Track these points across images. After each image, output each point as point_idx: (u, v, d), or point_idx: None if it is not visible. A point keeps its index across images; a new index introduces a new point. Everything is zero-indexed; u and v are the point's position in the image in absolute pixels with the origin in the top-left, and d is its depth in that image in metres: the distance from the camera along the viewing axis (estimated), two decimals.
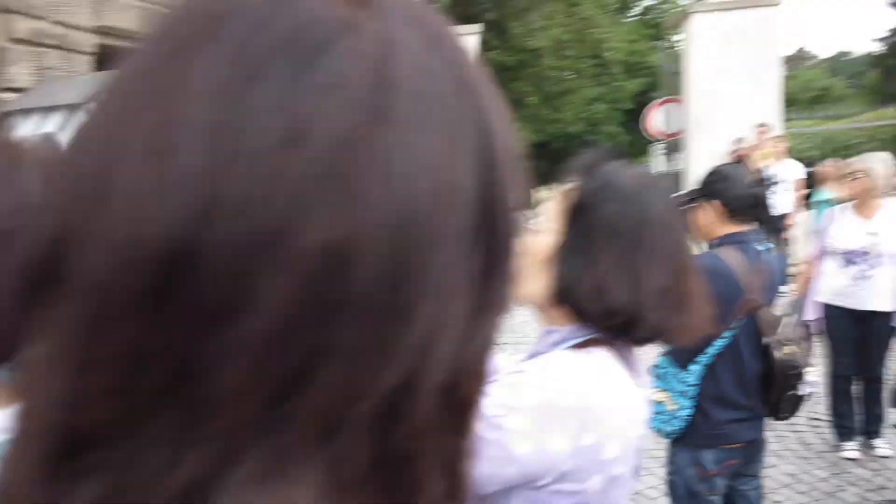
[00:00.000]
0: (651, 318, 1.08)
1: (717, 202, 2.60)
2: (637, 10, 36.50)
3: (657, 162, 14.16)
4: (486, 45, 24.48)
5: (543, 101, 26.77)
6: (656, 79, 22.92)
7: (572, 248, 1.12)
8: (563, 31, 23.16)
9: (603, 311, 1.09)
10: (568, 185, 1.18)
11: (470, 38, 9.24)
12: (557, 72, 24.05)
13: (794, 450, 4.55)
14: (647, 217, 1.12)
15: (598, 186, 1.14)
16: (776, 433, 4.33)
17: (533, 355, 1.18)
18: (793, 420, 2.82)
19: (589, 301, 1.10)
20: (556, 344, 1.16)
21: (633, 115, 29.20)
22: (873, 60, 35.54)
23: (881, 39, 33.63)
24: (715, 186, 2.62)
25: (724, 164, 2.78)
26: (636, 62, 32.98)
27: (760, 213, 2.65)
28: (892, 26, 32.94)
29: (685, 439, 2.59)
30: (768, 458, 4.55)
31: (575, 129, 33.07)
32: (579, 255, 1.11)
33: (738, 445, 2.60)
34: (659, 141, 13.00)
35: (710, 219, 2.63)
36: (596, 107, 32.68)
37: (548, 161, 38.90)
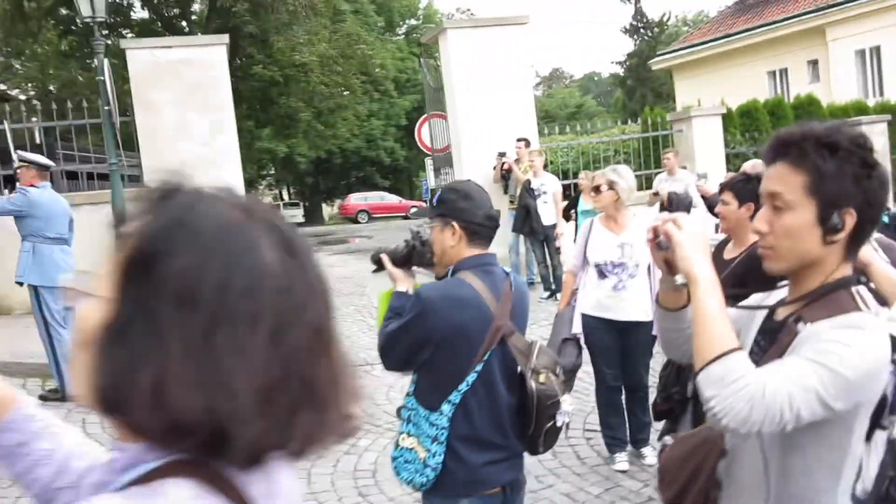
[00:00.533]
0: (247, 433, 0.61)
1: (456, 223, 2.24)
2: (403, 28, 37.23)
3: (430, 177, 14.17)
4: (249, 59, 23.51)
5: (316, 116, 26.18)
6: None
7: (125, 326, 0.70)
8: (328, 46, 22.75)
9: (166, 425, 0.61)
10: (125, 229, 0.73)
11: (216, 49, 8.49)
12: (327, 87, 23.56)
13: (569, 466, 4.38)
14: (246, 274, 0.68)
15: (166, 228, 0.71)
16: (552, 448, 4.14)
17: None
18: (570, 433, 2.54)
19: (144, 410, 0.64)
20: (117, 473, 0.73)
21: (408, 131, 29.59)
22: (618, 81, 38.94)
23: (620, 63, 36.99)
24: (455, 206, 2.27)
25: (462, 182, 2.44)
26: (407, 79, 33.51)
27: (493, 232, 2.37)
28: (628, 51, 36.20)
29: (439, 489, 2.21)
30: (545, 478, 4.42)
31: (353, 146, 32.90)
32: (135, 337, 0.69)
33: (496, 490, 2.26)
34: (429, 156, 13.00)
35: (449, 241, 2.26)
36: (372, 122, 32.76)
37: (330, 177, 38.40)
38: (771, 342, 1.47)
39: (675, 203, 6.17)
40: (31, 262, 5.43)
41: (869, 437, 1.42)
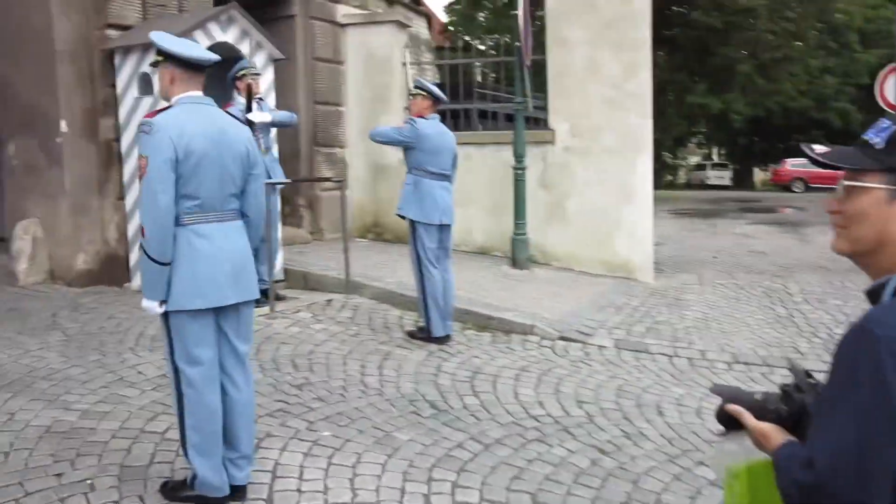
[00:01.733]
0: None
1: None
2: None
3: None
4: (688, 4, 21.94)
5: (758, 70, 23.56)
6: None
7: None
8: None
9: None
10: None
11: None
12: (775, 36, 20.87)
13: None
14: None
15: None
16: None
17: None
18: None
19: None
20: None
21: (869, 92, 25.04)
22: None
23: None
24: None
25: None
26: (876, 30, 28.36)
27: None
28: None
29: None
30: None
31: (798, 105, 29.21)
32: None
33: None
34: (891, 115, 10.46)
35: None
36: (825, 79, 28.61)
37: (766, 138, 34.88)
38: None
39: None
40: (412, 196, 5.30)
41: None
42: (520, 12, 7.34)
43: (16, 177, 6.70)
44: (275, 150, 6.43)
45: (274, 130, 6.36)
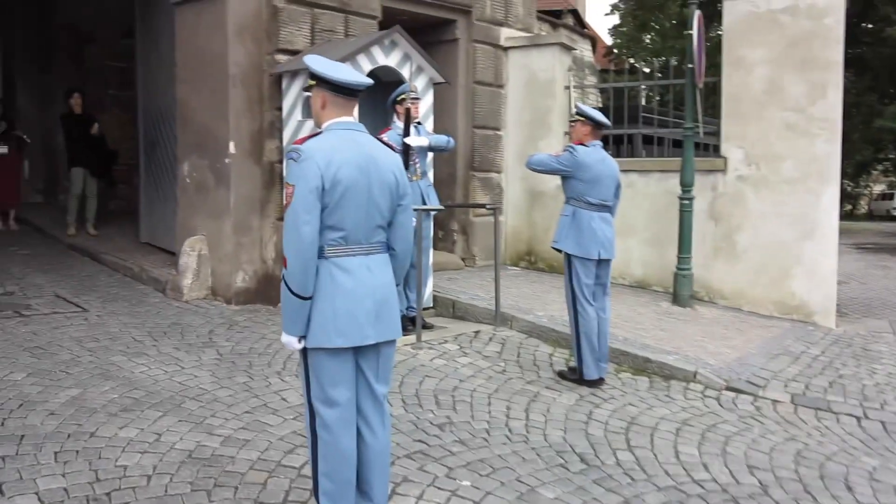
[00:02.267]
0: None
1: None
2: None
3: None
4: (884, 21, 20.01)
5: None
6: None
7: None
8: None
9: None
10: None
11: None
12: None
13: None
14: None
15: None
16: None
17: None
18: None
19: None
20: None
21: None
22: None
23: None
24: None
25: None
26: None
27: None
28: None
29: None
30: None
31: None
32: None
33: None
34: None
35: None
36: None
37: None
38: None
39: None
40: (569, 228, 4.98)
41: None
42: (694, 31, 6.84)
43: (188, 195, 7.02)
44: (430, 175, 6.33)
45: (430, 155, 6.26)
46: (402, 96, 5.86)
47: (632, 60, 27.63)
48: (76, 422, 3.84)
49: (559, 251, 5.11)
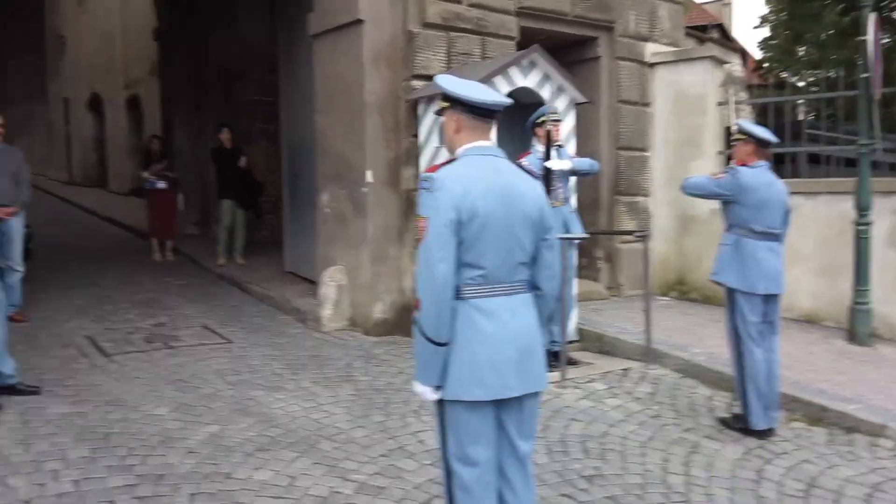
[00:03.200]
0: None
1: None
2: None
3: None
4: None
5: None
6: None
7: None
8: None
9: None
10: None
11: None
12: None
13: None
14: None
15: None
16: None
17: None
18: None
19: None
20: None
21: None
22: None
23: None
24: None
25: None
26: None
27: None
28: None
29: None
30: None
31: None
32: None
33: None
34: None
35: None
36: None
37: None
38: None
39: None
40: (731, 259, 4.47)
41: None
42: (869, 37, 6.11)
43: (327, 224, 7.03)
44: (573, 201, 5.97)
45: (573, 179, 5.91)
46: (542, 118, 5.57)
47: (785, 74, 25.94)
48: (213, 461, 3.77)
49: (719, 285, 4.60)
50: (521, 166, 2.65)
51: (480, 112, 2.54)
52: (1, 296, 4.66)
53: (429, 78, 6.53)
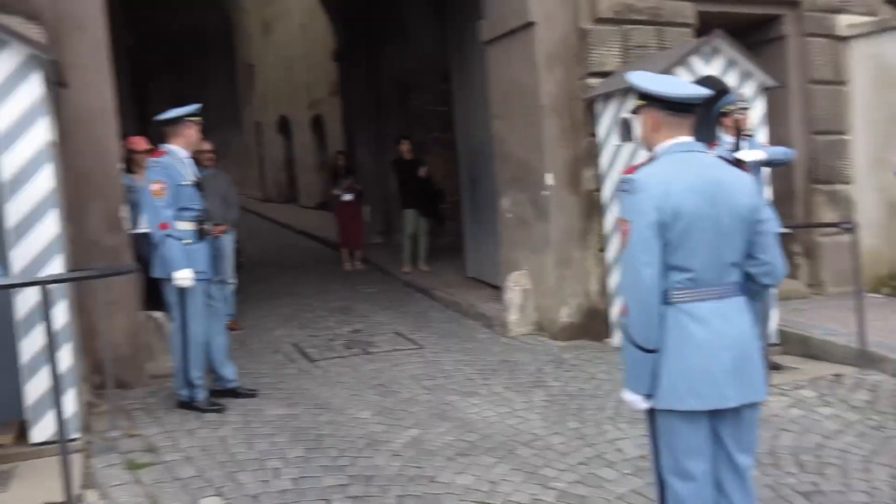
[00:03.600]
0: None
1: None
2: None
3: None
4: None
5: None
6: None
7: None
8: None
9: None
10: None
11: None
12: None
13: None
14: None
15: None
16: None
17: None
18: None
19: None
20: None
21: None
22: None
23: None
24: None
25: None
26: None
27: None
28: None
29: None
30: None
31: None
32: None
33: None
34: None
35: None
36: None
37: None
38: None
39: None
40: None
41: None
42: None
43: (509, 229, 7.08)
44: (767, 193, 5.62)
45: (766, 170, 5.56)
46: (729, 107, 5.28)
47: None
48: (416, 464, 3.90)
49: None
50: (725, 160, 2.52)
51: (678, 107, 2.45)
52: (222, 306, 5.12)
53: (604, 75, 6.41)
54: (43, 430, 3.96)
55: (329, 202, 11.85)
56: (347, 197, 10.35)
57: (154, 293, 6.03)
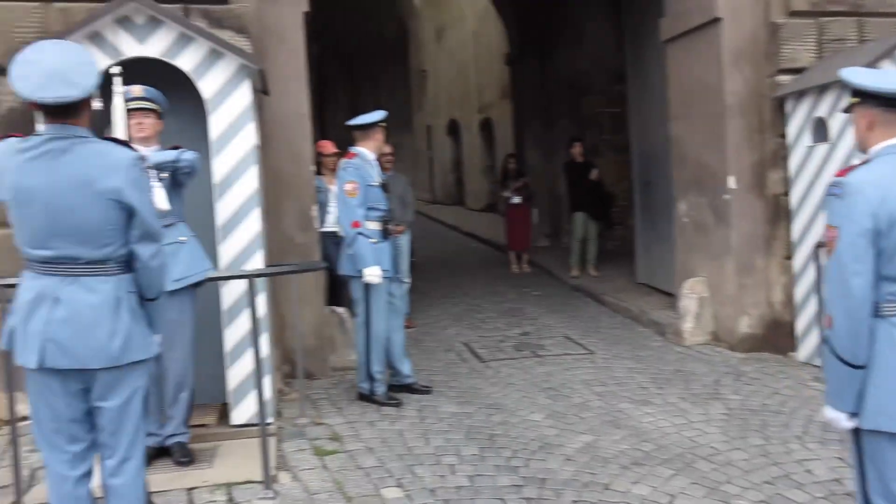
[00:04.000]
0: None
1: None
2: None
3: None
4: None
5: None
6: None
7: None
8: None
9: None
10: None
11: None
12: None
13: None
14: None
15: None
16: None
17: None
18: None
19: None
20: None
21: None
22: None
23: None
24: None
25: None
26: None
27: None
28: None
29: None
30: None
31: None
32: None
33: None
34: None
35: None
36: None
37: None
38: None
39: None
40: None
41: None
42: None
43: (686, 234, 6.83)
44: None
45: None
46: None
47: None
48: (590, 470, 3.86)
49: None
50: None
51: None
52: (401, 304, 5.32)
53: (797, 72, 6.02)
54: (242, 413, 4.30)
55: (497, 204, 11.95)
56: (516, 199, 10.40)
57: (335, 289, 6.39)
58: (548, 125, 12.88)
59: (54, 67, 2.37)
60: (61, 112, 2.44)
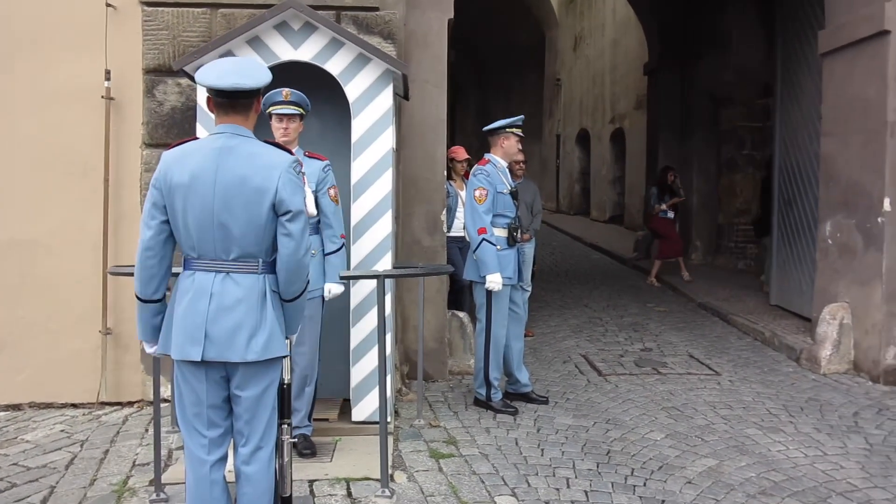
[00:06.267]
0: None
1: None
2: None
3: None
4: None
5: None
6: None
7: None
8: None
9: None
10: None
11: None
12: None
13: None
14: None
15: None
16: None
17: None
18: None
19: None
20: None
21: None
22: None
23: None
24: None
25: None
26: None
27: None
28: None
29: None
30: None
31: None
32: None
33: None
34: None
35: None
36: None
37: None
38: None
39: None
40: None
41: None
42: None
43: (829, 257, 6.43)
44: None
45: None
46: None
47: None
48: (713, 496, 3.71)
49: None
50: None
51: None
52: (522, 312, 5.31)
53: None
54: (362, 410, 4.42)
55: (647, 215, 11.56)
56: (670, 215, 10.20)
57: (455, 294, 6.44)
58: (682, 137, 12.47)
59: (233, 66, 2.66)
60: (233, 108, 2.63)
